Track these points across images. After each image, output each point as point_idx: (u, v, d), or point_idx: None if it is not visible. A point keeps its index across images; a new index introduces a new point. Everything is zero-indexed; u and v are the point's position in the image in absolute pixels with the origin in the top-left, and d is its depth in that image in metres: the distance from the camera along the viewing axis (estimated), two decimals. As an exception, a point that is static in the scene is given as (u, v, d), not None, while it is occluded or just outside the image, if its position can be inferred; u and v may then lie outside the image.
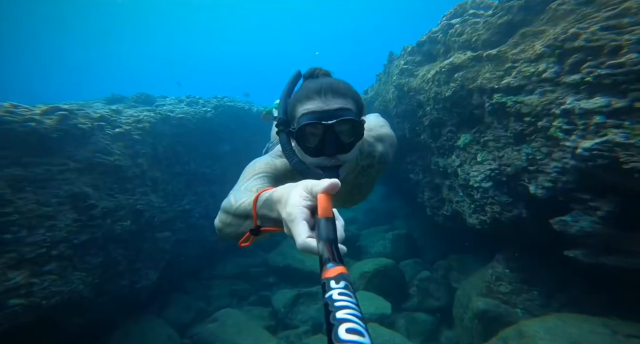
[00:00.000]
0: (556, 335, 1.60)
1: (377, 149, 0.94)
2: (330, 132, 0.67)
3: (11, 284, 1.76)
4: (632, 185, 1.27)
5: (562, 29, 1.55)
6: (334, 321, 0.24)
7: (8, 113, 1.99)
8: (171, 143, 3.62)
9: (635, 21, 1.29)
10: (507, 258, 2.32)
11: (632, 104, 1.22)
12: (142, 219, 2.90)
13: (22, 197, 1.94)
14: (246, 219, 0.56)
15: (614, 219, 1.40)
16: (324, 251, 0.32)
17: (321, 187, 0.38)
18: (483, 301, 2.26)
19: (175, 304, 3.26)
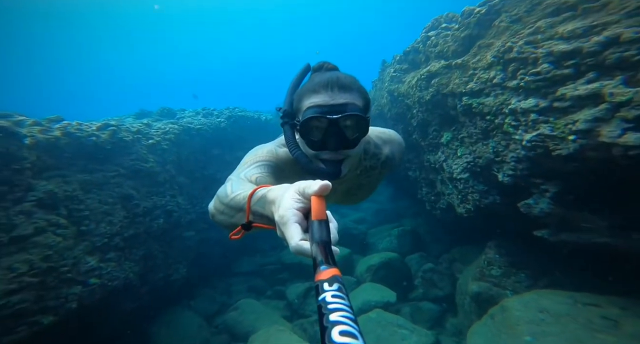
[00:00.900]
0: (529, 307, 2.02)
1: (383, 151, 0.96)
2: (334, 126, 0.70)
3: (89, 266, 2.40)
4: (565, 169, 1.73)
5: (502, 42, 2.07)
6: (327, 323, 0.25)
7: (77, 130, 2.70)
8: (192, 151, 4.31)
9: (545, 37, 1.78)
10: (498, 244, 2.74)
11: (552, 104, 1.70)
12: (172, 219, 3.54)
13: (89, 197, 2.61)
14: (239, 211, 0.57)
15: (560, 199, 1.85)
16: (317, 254, 0.33)
17: (313, 190, 0.39)
18: (477, 284, 2.68)
19: (201, 298, 3.84)
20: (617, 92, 1.41)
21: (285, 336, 2.60)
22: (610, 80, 1.46)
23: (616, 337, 1.53)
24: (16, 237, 2.01)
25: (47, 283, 2.12)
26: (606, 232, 1.73)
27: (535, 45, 1.83)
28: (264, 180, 0.72)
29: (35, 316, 2.04)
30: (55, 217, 2.30)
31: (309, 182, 0.41)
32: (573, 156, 1.63)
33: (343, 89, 0.72)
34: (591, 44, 1.52)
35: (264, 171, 0.76)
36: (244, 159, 0.83)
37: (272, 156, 0.82)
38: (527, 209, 2.08)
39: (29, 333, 2.00)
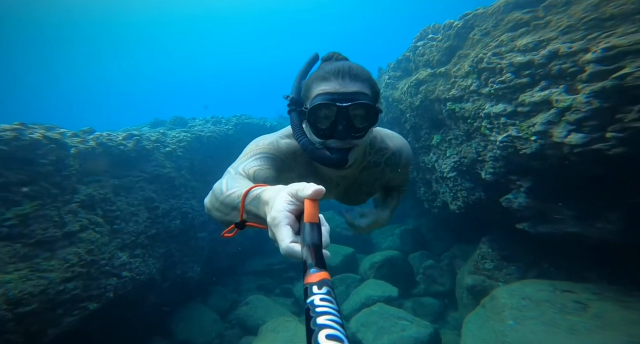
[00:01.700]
0: (514, 295, 2.34)
1: (389, 147, 0.97)
2: (343, 115, 0.71)
3: (121, 261, 2.92)
4: (533, 166, 2.07)
5: (475, 53, 2.45)
6: (314, 326, 0.26)
7: (108, 140, 3.27)
8: (203, 157, 4.86)
9: (507, 50, 2.15)
10: (491, 239, 3.05)
11: (516, 109, 2.06)
12: (187, 220, 4.06)
13: (119, 199, 3.16)
14: (233, 209, 0.59)
15: (534, 193, 2.18)
16: (307, 256, 0.35)
17: (306, 193, 0.41)
18: (471, 277, 3.00)
19: (214, 295, 4.31)
20: (561, 99, 1.77)
21: (293, 325, 3.00)
22: (557, 88, 1.83)
23: (582, 318, 1.84)
24: (67, 233, 2.55)
25: (91, 274, 2.64)
26: (574, 223, 2.05)
27: (500, 56, 2.21)
28: (263, 173, 0.77)
29: (84, 302, 2.56)
30: (94, 217, 2.84)
31: (303, 184, 0.42)
32: (536, 154, 1.98)
33: (354, 78, 0.73)
34: (540, 57, 1.89)
35: (264, 164, 0.80)
36: (245, 149, 0.87)
37: (273, 147, 0.86)
38: (508, 204, 2.42)
39: (80, 317, 2.51)
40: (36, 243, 2.35)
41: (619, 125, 1.48)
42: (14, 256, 2.22)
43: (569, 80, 1.76)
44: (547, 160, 1.98)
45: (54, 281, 2.36)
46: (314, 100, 0.74)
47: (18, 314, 2.12)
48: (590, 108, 1.59)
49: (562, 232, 2.12)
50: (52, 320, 2.33)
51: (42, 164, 2.37)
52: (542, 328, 1.88)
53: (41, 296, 2.24)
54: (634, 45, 1.40)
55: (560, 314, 1.90)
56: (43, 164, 2.37)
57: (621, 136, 1.48)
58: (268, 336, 2.85)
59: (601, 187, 1.81)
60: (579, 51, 1.67)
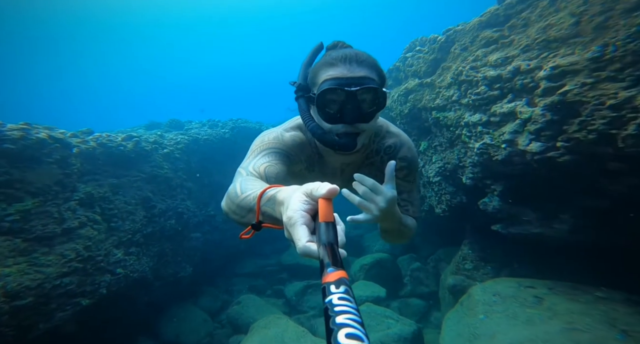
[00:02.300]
0: (486, 292, 2.55)
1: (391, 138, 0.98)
2: (352, 99, 0.73)
3: (116, 258, 3.07)
4: (504, 171, 2.31)
5: (456, 66, 2.71)
6: (333, 325, 0.26)
7: (108, 141, 3.46)
8: (200, 159, 5.04)
9: (482, 64, 2.41)
10: (471, 241, 3.27)
11: (490, 119, 2.30)
12: (182, 220, 4.22)
13: (117, 198, 3.32)
14: (249, 212, 0.61)
15: (505, 196, 2.41)
16: (324, 256, 0.35)
17: (321, 193, 0.42)
18: (453, 277, 3.20)
19: (206, 295, 4.43)
20: (523, 111, 2.02)
21: (283, 322, 3.15)
22: (520, 101, 2.08)
23: (538, 310, 2.05)
24: (66, 229, 2.70)
25: (87, 269, 2.78)
26: (538, 224, 2.28)
27: (476, 70, 2.47)
28: (273, 169, 0.79)
29: (77, 297, 2.69)
30: (92, 214, 3.00)
31: (317, 184, 0.43)
32: (505, 160, 2.22)
33: (361, 63, 0.76)
34: (506, 72, 2.15)
35: (272, 159, 0.82)
36: (251, 147, 0.89)
37: (278, 141, 0.88)
38: (485, 207, 2.64)
39: (72, 313, 2.64)
40: (35, 238, 2.50)
41: (566, 135, 1.72)
42: (14, 250, 2.37)
43: (529, 94, 2.02)
44: (515, 166, 2.21)
45: (50, 275, 2.50)
46: (321, 85, 0.76)
47: (14, 307, 2.24)
48: (545, 120, 1.84)
49: (529, 233, 2.35)
50: (44, 314, 2.45)
51: (47, 162, 2.54)
52: (506, 321, 2.09)
53: (37, 289, 2.37)
54: (570, 66, 1.65)
55: (521, 308, 2.11)
56: (48, 163, 2.55)
57: (567, 145, 1.72)
58: (259, 333, 2.99)
59: (558, 191, 2.05)
60: (535, 68, 1.93)
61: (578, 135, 1.64)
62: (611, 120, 1.47)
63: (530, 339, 1.85)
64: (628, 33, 1.42)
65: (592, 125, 1.56)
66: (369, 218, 0.78)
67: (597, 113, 1.53)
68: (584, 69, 1.62)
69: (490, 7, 2.55)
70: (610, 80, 1.49)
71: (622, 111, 1.43)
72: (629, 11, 1.48)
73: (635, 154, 1.42)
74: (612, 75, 1.49)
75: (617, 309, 1.80)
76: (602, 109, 1.50)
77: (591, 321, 1.74)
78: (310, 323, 3.76)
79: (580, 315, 1.82)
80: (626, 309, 1.79)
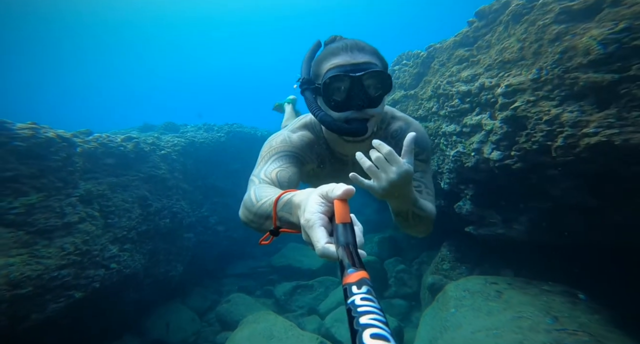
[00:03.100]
0: (458, 288, 2.82)
1: (396, 122, 1.00)
2: (357, 84, 0.76)
3: (111, 253, 3.27)
4: (474, 177, 2.62)
5: (435, 80, 3.06)
6: (357, 326, 0.26)
7: (109, 141, 3.70)
8: (195, 162, 5.29)
9: (456, 79, 2.76)
10: (450, 243, 3.56)
11: (462, 129, 2.63)
12: (176, 220, 4.43)
13: (115, 196, 3.54)
14: (267, 219, 0.63)
15: (476, 200, 2.72)
16: (343, 257, 0.36)
17: (336, 194, 0.42)
18: (432, 277, 3.47)
19: (195, 295, 4.60)
20: (487, 123, 2.35)
21: (272, 317, 3.36)
22: (485, 114, 2.41)
23: (497, 303, 2.33)
24: (66, 223, 2.91)
25: (84, 263, 2.98)
26: (501, 225, 2.59)
27: (452, 84, 2.82)
28: (285, 173, 0.81)
29: (71, 290, 2.87)
30: (91, 211, 3.22)
31: (332, 185, 0.45)
32: (474, 167, 2.54)
33: (362, 50, 0.79)
34: (474, 88, 2.50)
35: (283, 163, 0.84)
36: (261, 152, 0.91)
37: (286, 144, 0.90)
38: (459, 210, 2.94)
39: (65, 305, 2.81)
40: (37, 231, 2.70)
41: (517, 146, 2.04)
42: (17, 241, 2.57)
43: (491, 108, 2.36)
44: (482, 172, 2.53)
45: (49, 267, 2.69)
46: (326, 74, 0.78)
47: (14, 296, 2.41)
48: (502, 131, 2.17)
49: (495, 234, 2.65)
50: (39, 305, 2.59)
51: (54, 160, 2.78)
52: (471, 313, 2.36)
53: (36, 280, 2.55)
54: (519, 85, 2.00)
55: (485, 301, 2.39)
56: (55, 160, 2.78)
57: (519, 154, 2.04)
58: (248, 327, 3.19)
59: (516, 195, 2.37)
60: (495, 86, 2.27)
61: (525, 145, 1.97)
62: (547, 133, 1.80)
63: (487, 327, 2.12)
64: (553, 59, 1.77)
65: (534, 137, 1.89)
66: (373, 186, 0.73)
67: (537, 127, 1.86)
68: (528, 88, 1.96)
69: (463, 29, 2.93)
70: (545, 99, 1.83)
71: (553, 126, 1.76)
72: (553, 41, 1.83)
73: (563, 162, 1.74)
74: (546, 94, 1.83)
75: (555, 299, 2.10)
76: (540, 124, 1.84)
77: (533, 310, 2.03)
78: (298, 321, 3.95)
79: (527, 305, 2.10)
80: (561, 299, 2.09)
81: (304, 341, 2.86)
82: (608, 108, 1.55)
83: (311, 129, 0.99)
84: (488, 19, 2.64)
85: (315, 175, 1.01)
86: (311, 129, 0.99)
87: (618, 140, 1.47)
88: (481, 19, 2.73)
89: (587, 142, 1.58)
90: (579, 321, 1.88)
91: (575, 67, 1.67)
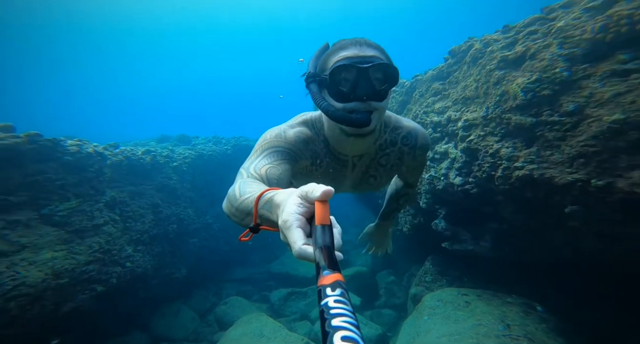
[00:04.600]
0: (434, 298, 3.18)
1: (403, 127, 1.05)
2: (364, 76, 0.79)
3: (127, 253, 3.84)
4: (445, 198, 3.03)
5: (415, 109, 3.53)
6: (329, 328, 0.28)
7: (132, 154, 4.36)
8: (203, 172, 5.91)
9: (430, 110, 3.21)
10: (433, 258, 3.91)
11: (434, 155, 3.06)
12: (183, 226, 5.00)
13: (133, 202, 4.16)
14: (247, 215, 0.65)
15: (449, 219, 3.12)
16: (320, 258, 0.37)
17: (315, 195, 0.43)
18: (415, 288, 3.82)
19: (196, 297, 5.10)
20: (452, 152, 2.78)
21: (264, 318, 3.79)
22: (451, 143, 2.85)
23: (464, 312, 2.68)
24: (94, 225, 3.52)
25: (105, 260, 3.56)
26: (471, 242, 2.96)
27: (427, 114, 3.28)
28: (275, 170, 0.84)
29: (94, 283, 3.44)
30: (114, 215, 3.83)
31: (312, 186, 0.45)
32: (444, 189, 2.95)
33: (370, 45, 0.85)
34: (444, 119, 2.95)
35: (274, 160, 0.87)
36: (255, 146, 0.94)
37: (280, 140, 0.92)
38: (436, 227, 3.34)
39: (89, 296, 3.38)
40: (74, 231, 3.32)
41: (473, 173, 2.47)
42: (60, 238, 3.18)
43: (455, 138, 2.80)
44: (450, 194, 2.94)
45: (80, 262, 3.28)
46: (333, 65, 0.82)
47: (57, 285, 2.99)
48: (463, 160, 2.60)
49: (466, 250, 3.02)
50: (71, 295, 3.19)
51: (90, 171, 3.42)
52: (441, 320, 2.72)
53: (72, 272, 3.14)
54: (474, 120, 2.44)
55: (454, 311, 2.74)
56: (90, 171, 3.43)
57: (474, 181, 2.46)
58: (242, 326, 3.64)
59: (479, 216, 2.75)
60: (458, 119, 2.72)
61: (478, 174, 2.39)
62: (491, 164, 2.23)
63: (451, 333, 2.48)
64: (495, 100, 2.22)
65: (483, 167, 2.32)
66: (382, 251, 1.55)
67: (485, 158, 2.29)
68: (480, 124, 2.40)
69: (439, 65, 3.41)
70: (491, 134, 2.27)
71: (495, 158, 2.19)
72: (495, 84, 2.28)
73: (504, 190, 2.15)
74: (492, 131, 2.26)
75: (512, 310, 2.44)
76: (487, 156, 2.27)
77: (491, 319, 2.39)
78: (290, 325, 4.36)
79: (488, 315, 2.46)
80: (518, 309, 2.43)
81: (289, 340, 3.26)
82: (531, 146, 1.98)
83: (311, 126, 1.02)
84: (458, 57, 3.12)
85: (308, 173, 1.03)
86: (310, 126, 1.01)
87: (536, 174, 1.88)
88: (453, 57, 3.21)
89: (517, 174, 2.00)
90: (526, 329, 2.23)
91: (509, 109, 2.12)
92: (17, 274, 2.71)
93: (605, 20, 1.58)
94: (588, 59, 1.66)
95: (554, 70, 1.77)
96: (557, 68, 1.75)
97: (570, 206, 1.68)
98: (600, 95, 1.52)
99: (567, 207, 1.69)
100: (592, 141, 1.51)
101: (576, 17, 1.80)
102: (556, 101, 1.78)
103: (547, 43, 1.90)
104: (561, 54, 1.76)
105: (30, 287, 2.73)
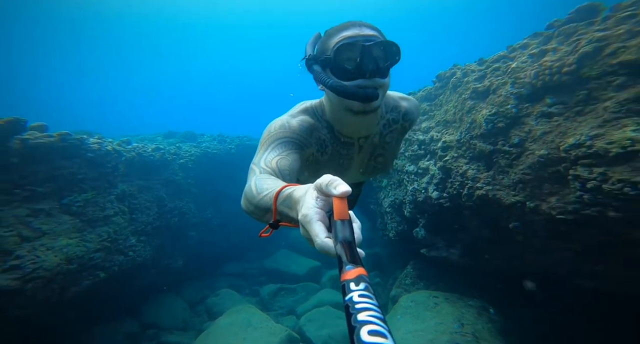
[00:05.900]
0: (408, 299, 3.55)
1: (401, 104, 1.12)
2: (367, 54, 0.83)
3: (130, 243, 4.24)
4: (425, 209, 3.40)
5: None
6: (355, 323, 0.28)
7: (143, 151, 4.77)
8: (207, 169, 6.32)
9: (417, 129, 3.58)
10: (414, 262, 4.27)
11: (417, 170, 3.44)
12: (184, 219, 5.40)
13: (141, 196, 4.57)
14: (267, 212, 0.66)
15: (427, 228, 3.48)
16: (342, 253, 0.38)
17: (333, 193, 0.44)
18: (395, 290, 4.18)
19: (189, 288, 5.47)
20: (431, 168, 3.15)
21: (252, 310, 4.16)
22: (431, 160, 3.22)
23: (432, 312, 3.04)
24: (105, 216, 3.93)
25: (111, 249, 3.95)
26: (444, 250, 3.32)
27: (415, 132, 3.65)
28: (285, 161, 0.87)
29: (99, 270, 3.83)
30: (123, 207, 4.23)
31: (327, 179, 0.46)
32: (424, 202, 3.32)
33: (369, 26, 0.90)
34: (427, 138, 3.32)
35: (283, 151, 0.90)
36: (261, 139, 0.97)
37: (285, 130, 0.96)
38: (416, 235, 3.70)
39: (93, 282, 3.75)
40: (87, 220, 3.72)
41: (447, 189, 2.83)
42: (75, 227, 3.58)
43: (435, 157, 3.17)
44: (429, 206, 3.31)
45: (90, 249, 3.67)
46: (337, 44, 0.86)
47: (67, 270, 3.36)
48: (439, 177, 2.97)
49: (440, 256, 3.38)
50: (77, 280, 3.55)
51: (107, 166, 3.84)
52: (411, 320, 3.08)
53: (81, 259, 3.52)
54: (450, 142, 2.81)
55: (424, 311, 3.10)
56: (108, 167, 3.84)
57: (448, 196, 2.83)
58: (231, 316, 4.01)
59: (452, 227, 3.12)
60: (439, 139, 3.09)
61: (451, 190, 2.76)
62: (460, 183, 2.60)
63: (416, 330, 2.84)
64: (466, 127, 2.59)
65: (454, 185, 2.68)
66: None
67: (456, 177, 2.66)
68: (454, 146, 2.77)
69: (426, 87, 3.79)
70: (462, 157, 2.64)
71: (463, 178, 2.56)
72: (468, 112, 2.65)
73: (469, 206, 2.51)
74: (462, 153, 2.63)
75: (470, 311, 2.81)
76: (457, 176, 2.63)
77: (452, 319, 2.75)
78: (277, 319, 4.72)
79: (449, 315, 2.82)
80: (474, 311, 2.80)
81: (275, 331, 3.63)
82: (490, 170, 2.35)
83: (312, 113, 1.04)
84: (443, 82, 3.49)
85: (315, 161, 1.05)
86: (311, 114, 1.04)
87: (491, 194, 2.25)
88: (440, 81, 3.59)
89: (478, 193, 2.37)
90: (475, 328, 2.59)
91: (475, 136, 2.49)
92: (37, 258, 3.09)
93: (537, 69, 1.95)
94: (529, 99, 2.02)
95: (507, 106, 2.14)
96: (509, 104, 2.12)
97: (513, 222, 2.04)
98: (534, 132, 1.89)
99: (511, 224, 2.05)
100: (528, 170, 1.88)
101: (524, 61, 2.17)
102: (507, 133, 2.15)
103: (504, 81, 2.28)
104: (512, 93, 2.12)
105: (46, 271, 3.10)
